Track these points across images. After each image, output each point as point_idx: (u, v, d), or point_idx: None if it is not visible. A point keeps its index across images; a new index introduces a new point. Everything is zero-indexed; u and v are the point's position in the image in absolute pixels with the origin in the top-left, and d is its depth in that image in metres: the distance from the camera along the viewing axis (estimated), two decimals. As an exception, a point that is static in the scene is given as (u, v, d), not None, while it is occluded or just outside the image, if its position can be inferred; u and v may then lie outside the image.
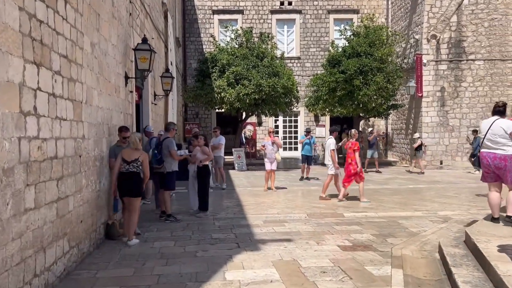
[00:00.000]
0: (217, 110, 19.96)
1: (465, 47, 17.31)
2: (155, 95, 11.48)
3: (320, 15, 22.32)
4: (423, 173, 15.72)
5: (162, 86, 11.84)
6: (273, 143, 11.67)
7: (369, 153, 16.96)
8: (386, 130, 22.23)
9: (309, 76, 21.84)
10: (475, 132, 14.73)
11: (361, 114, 18.65)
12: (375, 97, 16.85)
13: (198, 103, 18.28)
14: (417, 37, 18.11)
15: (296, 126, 22.27)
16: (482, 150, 5.92)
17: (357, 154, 9.49)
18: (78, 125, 5.20)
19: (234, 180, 14.16)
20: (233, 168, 17.26)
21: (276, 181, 12.08)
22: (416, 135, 16.85)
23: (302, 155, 14.45)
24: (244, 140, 21.41)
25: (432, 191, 11.39)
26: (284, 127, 21.90)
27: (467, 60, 17.34)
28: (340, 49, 18.33)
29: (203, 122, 22.10)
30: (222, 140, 12.48)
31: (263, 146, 11.87)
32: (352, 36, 18.33)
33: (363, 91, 16.71)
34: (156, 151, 7.85)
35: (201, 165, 8.29)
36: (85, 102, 5.48)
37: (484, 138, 5.86)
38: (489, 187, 5.95)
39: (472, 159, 11.68)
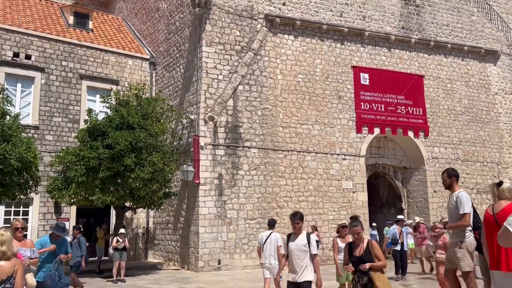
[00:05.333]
0: None
1: (242, 133, 16.25)
2: None
3: (69, 79, 17.68)
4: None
5: None
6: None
7: (116, 256, 12.45)
8: (147, 224, 18.43)
9: (50, 152, 16.29)
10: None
11: (127, 204, 14.41)
12: (149, 182, 13.26)
13: None
14: (192, 117, 16.01)
15: (26, 221, 15.61)
16: None
17: None
18: None
19: None
20: None
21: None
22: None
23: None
24: None
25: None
26: (6, 221, 14.89)
27: (243, 147, 16.20)
28: (102, 119, 14.24)
29: None
30: None
31: None
32: (118, 105, 14.61)
33: (135, 173, 12.87)
34: None
35: None
36: None
37: None
38: None
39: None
